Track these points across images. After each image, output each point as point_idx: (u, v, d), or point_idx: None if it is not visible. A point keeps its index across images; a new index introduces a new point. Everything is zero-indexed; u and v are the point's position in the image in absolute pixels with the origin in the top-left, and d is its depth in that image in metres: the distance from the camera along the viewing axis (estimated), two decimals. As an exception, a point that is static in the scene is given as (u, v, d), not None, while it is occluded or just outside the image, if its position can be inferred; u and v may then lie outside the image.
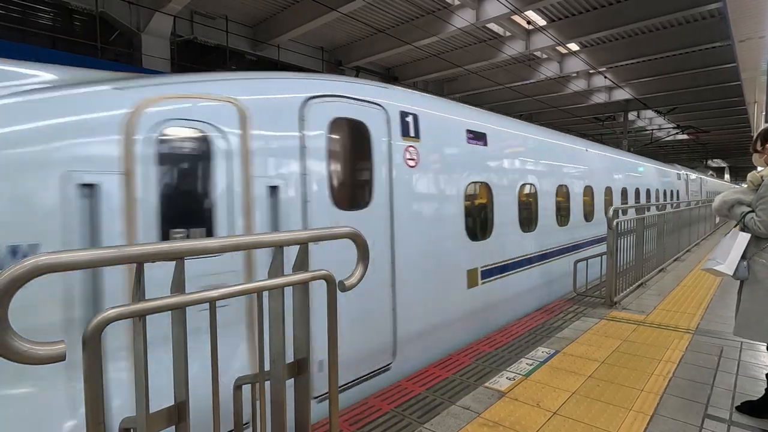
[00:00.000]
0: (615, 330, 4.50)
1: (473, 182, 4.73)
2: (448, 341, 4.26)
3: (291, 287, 1.82)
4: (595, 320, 4.85)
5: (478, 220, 4.90)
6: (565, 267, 6.39)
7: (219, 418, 1.51)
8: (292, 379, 1.88)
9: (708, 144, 33.79)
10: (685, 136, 27.28)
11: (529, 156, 5.97)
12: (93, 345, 1.19)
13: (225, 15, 11.47)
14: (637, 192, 10.77)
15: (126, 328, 2.07)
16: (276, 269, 1.77)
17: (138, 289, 1.34)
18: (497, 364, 3.66)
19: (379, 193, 3.58)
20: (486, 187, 4.93)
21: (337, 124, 3.31)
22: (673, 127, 24.73)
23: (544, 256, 6.10)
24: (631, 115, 23.78)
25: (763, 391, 2.83)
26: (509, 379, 3.35)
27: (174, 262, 1.43)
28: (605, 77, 16.32)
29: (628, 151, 17.97)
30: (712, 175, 32.67)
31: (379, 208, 3.56)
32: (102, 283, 2.19)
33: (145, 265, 1.35)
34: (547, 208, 6.27)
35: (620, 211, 5.67)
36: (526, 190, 5.75)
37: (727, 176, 43.63)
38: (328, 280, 1.86)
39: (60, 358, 1.13)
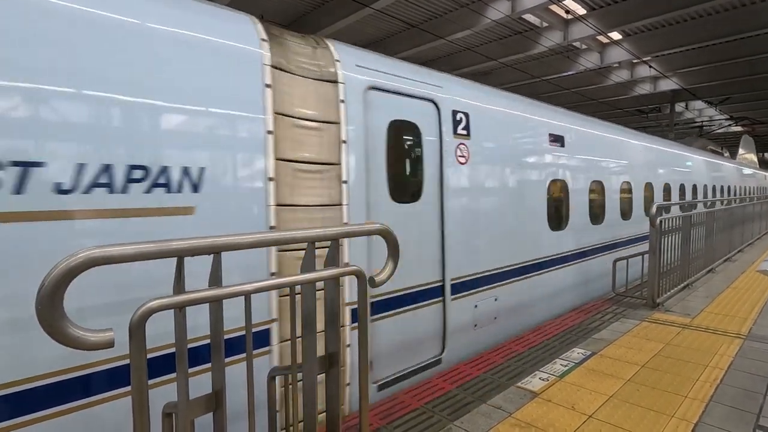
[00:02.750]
0: (657, 333, 4.30)
1: None
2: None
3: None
4: (635, 322, 4.65)
5: None
6: None
7: (254, 406, 1.57)
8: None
9: (765, 137, 31.43)
10: (738, 128, 25.52)
11: None
12: (138, 334, 1.26)
13: (261, 15, 11.74)
14: None
15: None
16: (308, 264, 1.81)
17: (179, 282, 1.41)
18: (530, 364, 3.58)
19: None
20: None
21: None
22: (726, 119, 23.19)
23: None
24: (679, 107, 22.48)
25: (824, 403, 2.64)
26: (542, 379, 3.27)
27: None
28: (650, 67, 15.48)
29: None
30: (713, 150, 17.59)
31: None
32: None
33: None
34: None
35: (665, 208, 5.40)
36: None
37: (751, 156, 23.57)
38: (359, 275, 1.88)
39: (108, 344, 1.21)
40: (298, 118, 2.79)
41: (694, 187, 11.08)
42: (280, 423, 1.88)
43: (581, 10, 11.54)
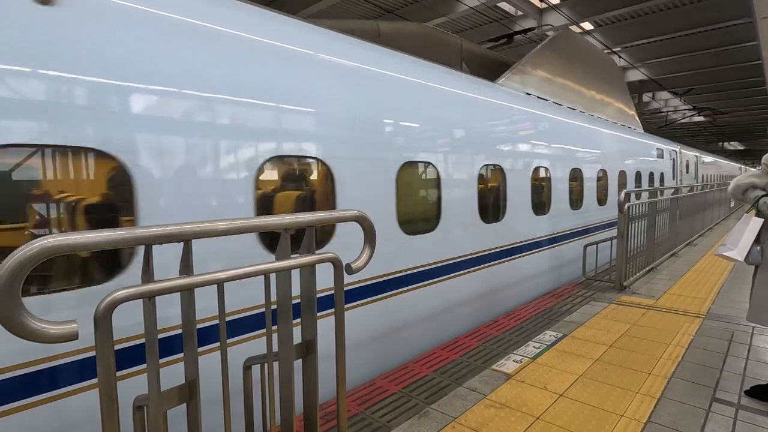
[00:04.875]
0: (624, 314, 4.48)
1: None
2: None
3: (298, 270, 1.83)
4: (604, 304, 4.83)
5: None
6: None
7: (228, 396, 1.54)
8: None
9: (725, 126, 32.91)
10: (701, 118, 26.59)
11: None
12: (104, 325, 1.21)
13: (231, -4, 11.33)
14: None
15: None
16: (283, 252, 1.78)
17: (147, 271, 1.36)
18: (504, 347, 3.68)
19: None
20: None
21: None
22: (689, 109, 24.10)
23: None
24: (646, 97, 23.21)
25: (774, 376, 2.82)
26: (516, 362, 3.37)
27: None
28: (620, 57, 15.87)
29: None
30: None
31: None
32: None
33: None
34: None
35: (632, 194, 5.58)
36: None
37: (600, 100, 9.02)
38: (335, 263, 1.86)
39: (72, 337, 1.16)
40: None
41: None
42: (257, 411, 1.86)
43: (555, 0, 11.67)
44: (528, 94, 6.34)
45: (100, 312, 1.20)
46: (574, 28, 13.53)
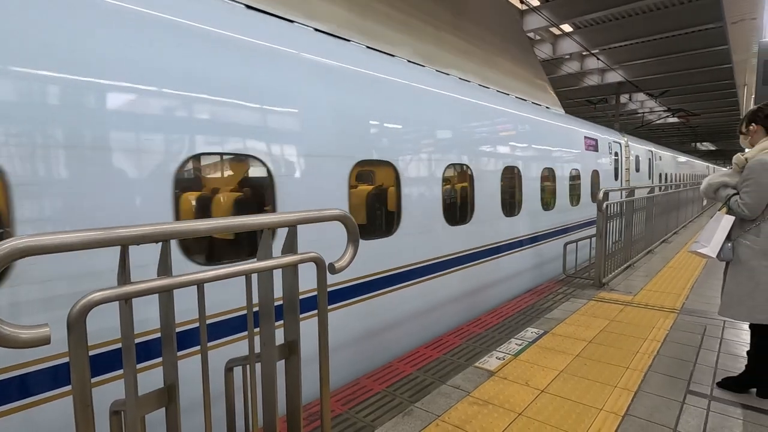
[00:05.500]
0: (603, 310, 4.58)
1: None
2: None
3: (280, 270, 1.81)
4: (583, 301, 4.93)
5: None
6: None
7: (209, 399, 1.51)
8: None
9: (698, 127, 34.02)
10: (675, 120, 27.40)
11: None
12: (78, 329, 1.17)
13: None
14: None
15: None
16: (265, 251, 1.76)
17: (123, 272, 1.32)
18: (487, 344, 3.72)
19: None
20: None
21: None
22: (664, 110, 24.80)
23: None
24: (623, 99, 23.79)
25: (744, 368, 2.92)
26: (499, 359, 3.41)
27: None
28: (598, 59, 16.21)
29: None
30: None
31: None
32: None
33: None
34: None
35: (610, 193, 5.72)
36: None
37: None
38: (318, 262, 1.85)
39: (44, 341, 1.12)
40: None
41: None
42: (240, 413, 1.83)
43: (535, 2, 11.83)
44: (318, 30, 3.62)
45: (74, 315, 1.16)
46: (554, 30, 13.78)
